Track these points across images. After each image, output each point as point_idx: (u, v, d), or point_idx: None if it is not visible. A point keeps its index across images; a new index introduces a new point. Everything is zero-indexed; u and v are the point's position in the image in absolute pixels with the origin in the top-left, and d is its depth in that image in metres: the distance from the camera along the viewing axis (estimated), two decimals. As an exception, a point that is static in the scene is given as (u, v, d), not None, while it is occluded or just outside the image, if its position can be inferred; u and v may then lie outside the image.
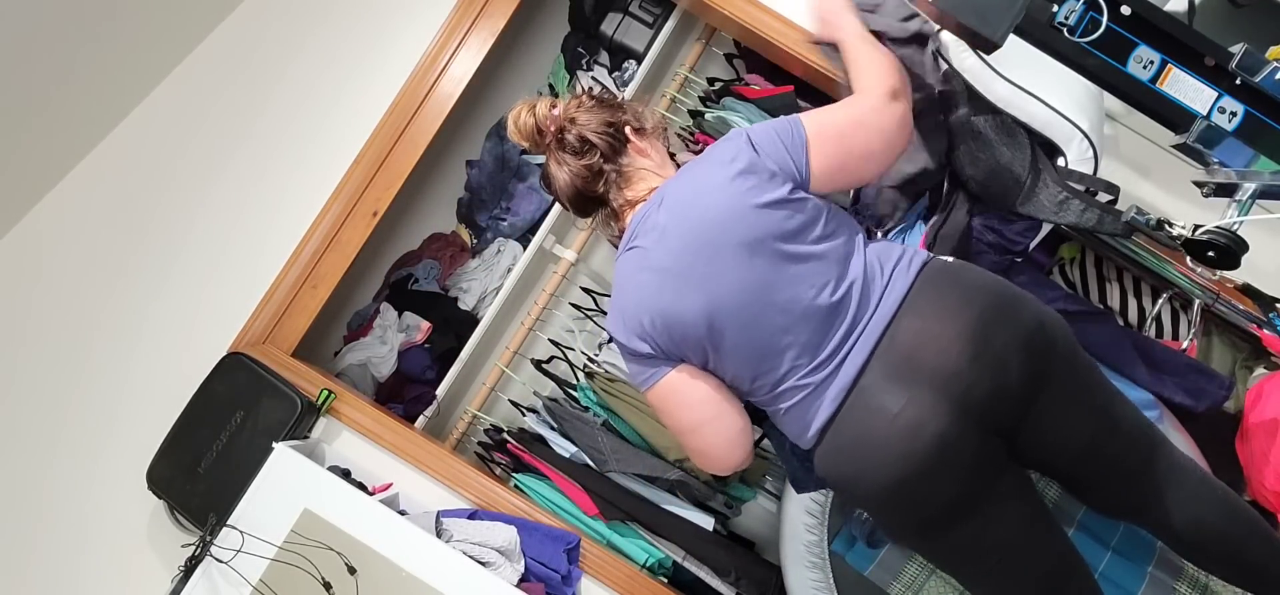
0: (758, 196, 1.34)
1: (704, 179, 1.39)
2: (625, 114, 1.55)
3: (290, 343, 2.15)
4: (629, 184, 1.50)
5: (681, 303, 1.35)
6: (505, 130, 1.63)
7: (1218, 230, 1.17)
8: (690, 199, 1.38)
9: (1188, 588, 1.73)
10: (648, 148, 1.54)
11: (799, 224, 1.34)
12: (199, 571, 1.78)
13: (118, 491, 2.05)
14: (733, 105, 2.43)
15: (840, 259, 1.36)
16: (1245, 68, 1.11)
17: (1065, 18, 1.10)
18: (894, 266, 1.37)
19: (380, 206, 2.20)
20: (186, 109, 2.24)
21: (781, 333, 1.33)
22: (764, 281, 1.33)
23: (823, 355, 1.33)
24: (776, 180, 1.36)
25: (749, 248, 1.32)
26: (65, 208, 2.20)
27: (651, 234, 1.39)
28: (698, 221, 1.35)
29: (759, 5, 2.16)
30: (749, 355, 1.35)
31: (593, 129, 1.50)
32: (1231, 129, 1.13)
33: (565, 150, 1.51)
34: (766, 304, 1.33)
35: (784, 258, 1.33)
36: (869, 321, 1.33)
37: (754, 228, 1.33)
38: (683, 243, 1.36)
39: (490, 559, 1.87)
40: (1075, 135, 1.66)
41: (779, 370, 1.35)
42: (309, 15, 2.28)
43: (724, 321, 1.34)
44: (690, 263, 1.34)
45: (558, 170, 1.53)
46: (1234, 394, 1.89)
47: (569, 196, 1.54)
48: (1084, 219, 1.63)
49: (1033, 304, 1.35)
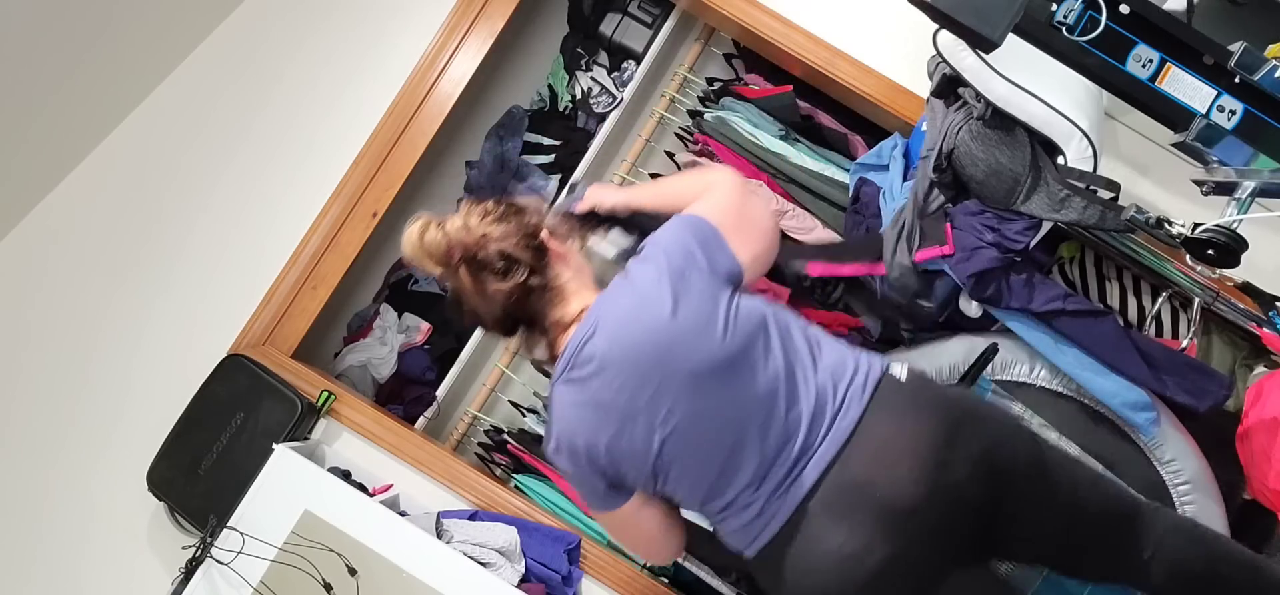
0: (697, 317, 1.27)
1: (639, 307, 1.30)
2: (536, 217, 1.45)
3: (290, 344, 2.15)
4: (560, 301, 1.39)
5: (627, 438, 1.29)
6: (504, 131, 1.60)
7: (1217, 228, 1.17)
8: (627, 330, 1.29)
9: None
10: (565, 252, 1.45)
11: (741, 345, 1.28)
12: (199, 573, 1.78)
13: (118, 493, 2.05)
14: (732, 105, 2.43)
15: (789, 381, 1.29)
16: (1244, 66, 1.11)
17: (1064, 16, 1.10)
18: (847, 387, 1.30)
19: (380, 207, 2.20)
20: (186, 111, 2.24)
21: (730, 458, 1.29)
22: (711, 411, 1.27)
23: (771, 483, 1.29)
24: (714, 285, 1.30)
25: (694, 377, 1.26)
26: (65, 210, 2.20)
27: (589, 364, 1.30)
28: (638, 355, 1.28)
29: (758, 5, 2.16)
30: (697, 481, 1.32)
31: (513, 243, 1.38)
32: (1230, 127, 1.13)
33: (486, 271, 1.38)
34: (714, 433, 1.28)
35: (730, 384, 1.27)
36: (819, 447, 1.28)
37: (697, 355, 1.26)
38: (623, 378, 1.28)
39: (491, 560, 1.87)
40: (1074, 134, 1.66)
41: (727, 495, 1.31)
42: (308, 16, 2.28)
43: (672, 453, 1.29)
44: (632, 398, 1.28)
45: (477, 296, 1.39)
46: (1234, 392, 1.89)
47: (495, 320, 1.41)
48: (1085, 216, 1.63)
49: (993, 421, 1.32)
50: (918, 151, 2.03)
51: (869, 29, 2.15)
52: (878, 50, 2.14)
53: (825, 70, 2.14)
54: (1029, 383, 1.92)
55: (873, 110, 2.22)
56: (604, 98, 2.58)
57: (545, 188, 2.65)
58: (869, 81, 2.13)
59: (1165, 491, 1.90)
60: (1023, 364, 1.92)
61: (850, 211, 2.15)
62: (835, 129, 2.42)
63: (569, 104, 2.67)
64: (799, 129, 2.42)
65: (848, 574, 1.23)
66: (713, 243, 1.33)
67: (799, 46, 2.15)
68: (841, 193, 2.28)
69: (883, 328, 2.35)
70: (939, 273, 1.84)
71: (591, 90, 2.59)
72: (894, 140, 2.14)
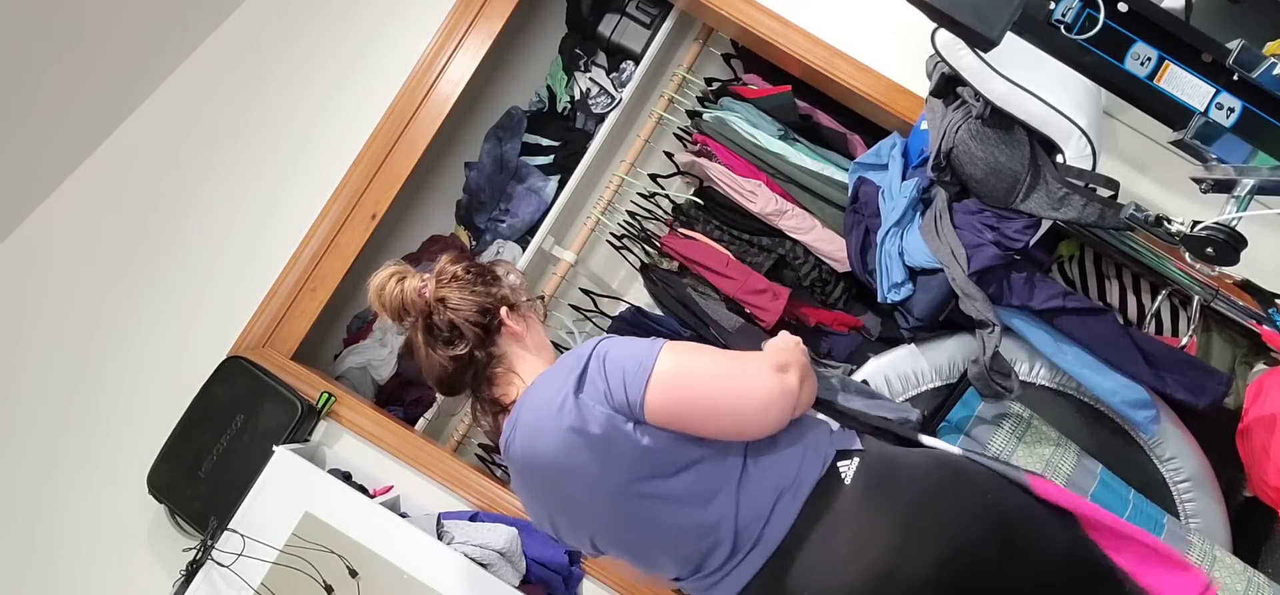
0: (594, 441, 1.19)
1: (542, 423, 1.23)
2: (501, 289, 1.41)
3: (290, 346, 2.15)
4: (504, 381, 1.36)
5: (562, 530, 1.33)
6: (503, 132, 1.59)
7: (1216, 226, 1.17)
8: (533, 443, 1.24)
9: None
10: (522, 328, 1.40)
11: (649, 466, 1.20)
12: (200, 576, 1.78)
13: (118, 496, 2.05)
14: (731, 105, 2.44)
15: (705, 496, 1.21)
16: (1243, 63, 1.11)
17: (1062, 15, 1.10)
18: (777, 499, 1.21)
19: (379, 209, 2.20)
20: (185, 113, 2.24)
21: (659, 557, 1.28)
22: (629, 522, 1.25)
23: (703, 576, 1.26)
24: (607, 409, 1.20)
25: (606, 494, 1.23)
26: (64, 213, 2.20)
27: (515, 461, 1.29)
28: (546, 471, 1.25)
29: (756, 5, 2.16)
30: (634, 566, 1.34)
31: (464, 315, 1.36)
32: (1229, 125, 1.13)
33: (432, 335, 1.37)
34: (638, 539, 1.28)
35: (642, 499, 1.22)
36: (745, 558, 1.22)
37: (604, 477, 1.21)
38: (538, 487, 1.31)
39: (491, 561, 1.87)
40: (1073, 132, 1.66)
41: (665, 579, 1.35)
42: (306, 17, 2.28)
43: (605, 547, 1.32)
44: (552, 505, 1.31)
45: (424, 354, 1.39)
46: (1234, 390, 1.89)
47: (435, 381, 1.41)
48: (1084, 214, 1.63)
49: (955, 510, 1.20)
50: (916, 150, 2.04)
51: (868, 28, 2.15)
52: (876, 49, 2.14)
53: (824, 70, 2.14)
54: (1029, 381, 1.92)
55: (871, 109, 2.22)
56: (603, 98, 2.58)
57: (544, 188, 2.65)
58: (868, 81, 2.13)
59: (1166, 489, 1.90)
60: (1022, 362, 1.92)
61: (849, 210, 2.15)
62: (834, 128, 2.42)
63: (568, 105, 2.67)
64: (798, 129, 2.43)
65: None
66: (636, 381, 1.20)
67: (797, 46, 2.15)
68: (840, 192, 2.28)
69: (882, 327, 2.36)
70: (938, 270, 1.84)
71: (590, 91, 2.60)
72: (893, 139, 2.14)
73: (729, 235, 2.44)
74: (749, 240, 2.42)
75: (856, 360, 2.23)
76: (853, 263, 2.14)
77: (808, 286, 2.39)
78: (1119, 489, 1.82)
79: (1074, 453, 1.85)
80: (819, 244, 2.32)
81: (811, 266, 2.38)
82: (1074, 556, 1.26)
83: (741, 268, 2.35)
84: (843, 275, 2.36)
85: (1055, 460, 1.83)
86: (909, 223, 1.95)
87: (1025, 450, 1.84)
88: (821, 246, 2.32)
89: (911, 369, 1.95)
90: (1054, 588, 1.23)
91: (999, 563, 1.20)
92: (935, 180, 1.87)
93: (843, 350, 2.36)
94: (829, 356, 2.38)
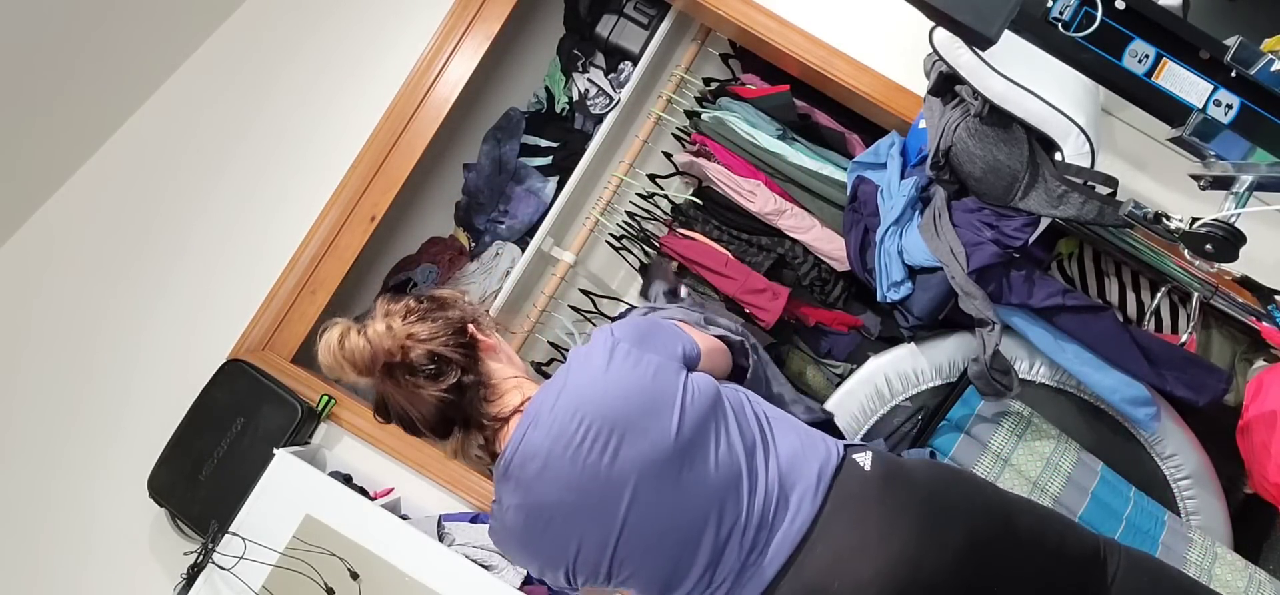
0: (649, 397, 1.19)
1: (592, 379, 1.21)
2: (457, 309, 1.35)
3: (290, 348, 2.15)
4: (496, 396, 1.31)
5: (577, 540, 1.22)
6: (502, 133, 1.58)
7: (1215, 223, 1.17)
8: (580, 404, 1.21)
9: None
10: (494, 342, 1.36)
11: (692, 434, 1.20)
12: (201, 579, 1.79)
13: (119, 500, 2.05)
14: (729, 105, 2.44)
15: (748, 469, 1.22)
16: (1241, 60, 1.10)
17: (1060, 12, 1.10)
18: (801, 481, 1.23)
19: (378, 211, 2.20)
20: (184, 115, 2.24)
21: (681, 555, 1.22)
22: (662, 507, 1.20)
23: (720, 581, 1.23)
24: (670, 363, 1.22)
25: (642, 472, 1.19)
26: (63, 215, 2.20)
27: (534, 461, 1.22)
28: (593, 435, 1.20)
29: (754, 5, 2.16)
30: (649, 582, 1.25)
31: (441, 342, 1.28)
32: (1227, 122, 1.13)
33: (417, 375, 1.27)
34: (665, 531, 1.21)
35: (681, 479, 1.19)
36: (771, 548, 1.21)
37: (648, 441, 1.19)
38: (570, 475, 1.20)
39: (492, 562, 1.87)
40: (1072, 130, 1.66)
41: (685, 586, 1.24)
42: (305, 20, 2.28)
43: (623, 553, 1.22)
44: (581, 496, 1.21)
45: (407, 400, 1.28)
46: (1234, 387, 1.90)
47: (428, 424, 1.30)
48: (1083, 212, 1.63)
49: (964, 504, 1.22)
50: (915, 149, 2.04)
51: (866, 27, 2.15)
52: (874, 49, 2.14)
53: (822, 69, 2.14)
54: (1029, 379, 1.92)
55: (870, 109, 2.22)
56: (601, 99, 2.58)
57: (543, 189, 2.65)
58: (866, 80, 2.13)
59: (1166, 487, 1.90)
60: (1022, 360, 1.92)
61: (848, 209, 2.15)
62: (833, 128, 2.42)
63: (566, 106, 2.67)
64: (796, 128, 2.43)
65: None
66: (671, 332, 1.25)
67: (796, 46, 2.15)
68: (839, 191, 2.28)
69: (882, 326, 2.36)
70: (937, 269, 1.84)
71: (588, 92, 2.60)
72: (891, 138, 2.14)
73: (728, 235, 2.44)
74: (748, 240, 2.42)
75: (856, 359, 2.23)
76: (852, 262, 2.14)
77: (807, 286, 2.39)
78: (1120, 486, 1.83)
79: (1074, 450, 1.85)
80: (818, 243, 2.32)
81: (811, 266, 2.38)
82: (1072, 557, 1.28)
83: (741, 267, 2.35)
84: (842, 274, 2.36)
85: (1056, 458, 1.83)
86: (908, 221, 1.95)
87: (1025, 448, 1.84)
88: (821, 246, 2.32)
89: (911, 368, 1.95)
90: (1053, 577, 1.26)
91: (1007, 552, 1.23)
92: (934, 179, 1.87)
93: (842, 349, 2.36)
94: (829, 356, 2.38)
